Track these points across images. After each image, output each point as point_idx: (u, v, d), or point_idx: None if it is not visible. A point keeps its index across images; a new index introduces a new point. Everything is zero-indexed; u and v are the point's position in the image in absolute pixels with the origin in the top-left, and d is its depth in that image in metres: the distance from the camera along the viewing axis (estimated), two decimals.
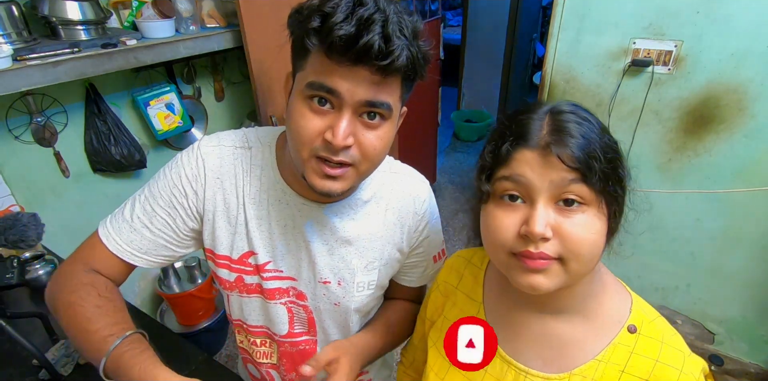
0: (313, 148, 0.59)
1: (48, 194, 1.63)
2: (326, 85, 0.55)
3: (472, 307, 0.70)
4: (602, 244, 0.52)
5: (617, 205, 0.52)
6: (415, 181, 0.79)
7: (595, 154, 0.48)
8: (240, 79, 2.12)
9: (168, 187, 0.72)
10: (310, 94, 0.57)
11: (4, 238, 0.95)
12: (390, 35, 0.52)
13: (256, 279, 0.77)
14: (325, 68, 0.55)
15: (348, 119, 0.57)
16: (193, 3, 1.65)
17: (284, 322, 0.80)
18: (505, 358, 0.63)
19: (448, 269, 0.76)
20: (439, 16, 2.90)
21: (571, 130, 0.49)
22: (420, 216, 0.79)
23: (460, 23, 4.64)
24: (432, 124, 3.21)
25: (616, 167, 0.51)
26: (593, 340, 0.58)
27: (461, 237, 3.00)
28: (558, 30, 1.69)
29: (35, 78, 1.29)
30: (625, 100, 1.69)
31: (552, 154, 0.48)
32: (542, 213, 0.49)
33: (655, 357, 0.55)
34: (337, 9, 0.52)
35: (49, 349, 1.01)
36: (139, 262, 0.74)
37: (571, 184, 0.48)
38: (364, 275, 0.77)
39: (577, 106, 0.54)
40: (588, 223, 0.50)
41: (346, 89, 0.55)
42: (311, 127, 0.58)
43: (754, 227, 1.66)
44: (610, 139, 0.52)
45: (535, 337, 0.61)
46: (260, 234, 0.73)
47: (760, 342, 1.86)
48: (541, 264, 0.50)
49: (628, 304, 0.59)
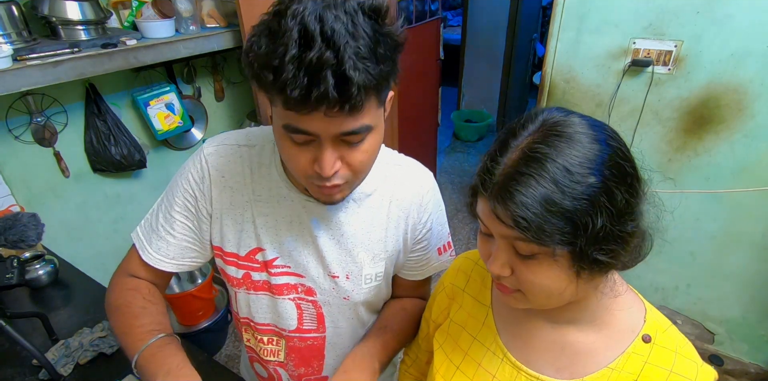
0: (307, 176, 0.62)
1: (48, 194, 1.63)
2: (300, 128, 0.55)
3: (480, 310, 0.69)
4: (559, 287, 0.50)
5: (585, 250, 0.46)
6: (418, 173, 0.80)
7: (536, 218, 0.44)
8: (240, 79, 2.12)
9: (180, 192, 0.75)
10: (287, 133, 0.58)
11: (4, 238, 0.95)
12: (346, 72, 0.49)
13: (264, 275, 0.77)
14: (291, 115, 0.54)
15: (330, 150, 0.58)
16: (193, 3, 1.65)
17: (293, 317, 0.80)
18: (515, 364, 0.62)
19: (454, 271, 0.76)
20: (439, 16, 2.90)
21: (515, 188, 0.45)
22: (423, 207, 0.79)
23: (460, 23, 4.64)
24: (432, 124, 3.21)
25: (578, 219, 0.45)
26: (606, 348, 0.57)
27: (461, 237, 3.00)
28: (558, 30, 1.69)
29: (35, 78, 1.29)
30: (625, 100, 1.69)
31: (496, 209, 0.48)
32: (499, 255, 0.52)
33: (669, 367, 0.54)
34: (284, 61, 0.49)
35: (49, 349, 1.01)
36: (169, 268, 0.78)
37: (515, 240, 0.48)
38: (371, 268, 0.78)
39: (560, 137, 0.47)
40: (540, 270, 0.49)
41: (319, 129, 0.55)
42: (300, 161, 0.60)
43: (754, 227, 1.66)
44: (588, 182, 0.45)
45: (546, 344, 0.61)
46: (267, 230, 0.74)
47: (760, 342, 1.86)
48: (504, 291, 0.55)
49: (642, 314, 0.59)
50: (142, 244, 0.78)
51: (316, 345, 0.84)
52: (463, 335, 0.69)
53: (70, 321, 1.13)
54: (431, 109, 3.15)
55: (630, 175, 0.48)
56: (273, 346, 0.86)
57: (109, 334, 1.06)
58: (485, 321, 0.68)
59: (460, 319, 0.71)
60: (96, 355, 1.01)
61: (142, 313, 0.74)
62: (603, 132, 0.48)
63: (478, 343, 0.67)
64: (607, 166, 0.46)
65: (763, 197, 1.59)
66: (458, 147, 4.23)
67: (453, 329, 0.71)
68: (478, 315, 0.69)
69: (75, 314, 1.16)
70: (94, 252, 1.82)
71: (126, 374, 0.97)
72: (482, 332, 0.67)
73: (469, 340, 0.68)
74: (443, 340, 0.72)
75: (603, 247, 0.47)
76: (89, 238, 1.80)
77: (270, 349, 0.86)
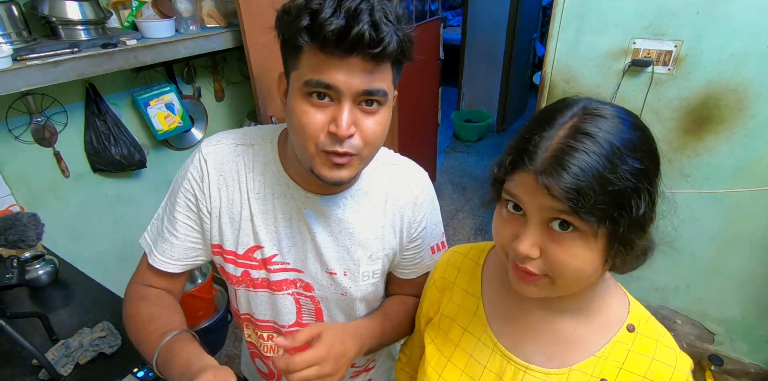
0: (318, 142, 0.61)
1: (48, 194, 1.63)
2: (323, 81, 0.58)
3: (470, 302, 0.70)
4: (590, 270, 0.51)
5: (625, 233, 0.48)
6: (413, 172, 0.81)
7: (588, 191, 0.45)
8: (240, 79, 2.12)
9: (181, 192, 0.76)
10: (308, 91, 0.59)
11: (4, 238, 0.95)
12: (378, 23, 0.54)
13: (262, 273, 0.78)
14: (320, 64, 0.57)
15: (348, 110, 0.59)
16: (193, 3, 1.65)
17: (292, 312, 0.81)
18: (505, 354, 0.63)
19: (444, 264, 0.76)
20: (439, 16, 2.90)
21: (568, 161, 0.45)
22: (418, 206, 0.80)
23: (460, 23, 4.64)
24: (432, 124, 3.21)
25: (624, 199, 0.46)
26: (594, 337, 0.59)
27: (461, 237, 3.00)
28: (558, 30, 1.69)
29: (35, 78, 1.29)
30: (625, 100, 1.69)
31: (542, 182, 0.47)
32: (531, 233, 0.50)
33: (651, 355, 0.57)
34: (324, 4, 0.54)
35: (49, 349, 1.01)
36: (175, 269, 0.79)
37: (560, 213, 0.48)
38: (369, 265, 0.79)
39: (605, 119, 0.48)
40: (575, 250, 0.49)
41: (343, 82, 0.57)
42: (315, 122, 0.60)
43: (754, 227, 1.66)
44: (633, 166, 0.46)
45: (536, 333, 0.62)
46: (266, 228, 0.75)
47: (760, 342, 1.86)
48: (527, 278, 0.53)
49: (626, 304, 0.61)
50: (150, 248, 0.79)
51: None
52: (454, 327, 0.70)
53: (70, 321, 1.13)
54: (431, 109, 3.15)
55: (659, 160, 0.51)
56: (273, 343, 0.87)
57: (109, 334, 1.06)
58: (476, 312, 0.68)
59: (451, 312, 0.72)
60: (96, 355, 1.01)
61: (150, 320, 0.74)
62: (638, 120, 0.51)
63: (468, 335, 0.68)
64: (647, 152, 0.49)
65: (763, 197, 1.59)
66: (458, 147, 4.23)
67: (444, 323, 0.72)
68: (468, 306, 0.70)
69: (75, 314, 1.16)
70: (94, 252, 1.82)
71: (126, 374, 0.97)
72: (473, 323, 0.68)
73: (459, 332, 0.69)
74: (435, 334, 0.72)
75: (641, 232, 0.48)
76: (89, 238, 1.80)
77: (270, 345, 0.87)
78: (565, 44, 1.71)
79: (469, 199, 3.40)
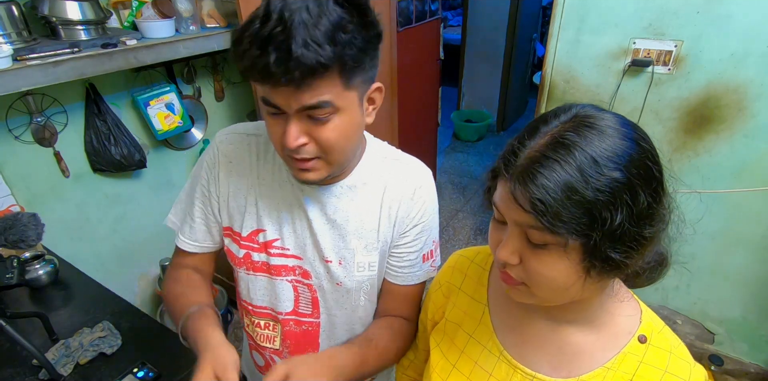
0: (283, 149, 0.66)
1: (48, 194, 1.63)
2: (270, 101, 0.61)
3: (476, 308, 0.69)
4: (565, 282, 0.49)
5: (599, 246, 0.46)
6: (414, 168, 0.81)
7: (554, 203, 0.43)
8: (240, 79, 2.12)
9: (197, 179, 0.82)
10: (264, 107, 0.64)
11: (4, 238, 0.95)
12: (291, 49, 0.54)
13: (263, 256, 0.81)
14: (263, 86, 0.60)
15: (295, 124, 0.62)
16: (193, 3, 1.65)
17: (290, 298, 0.83)
18: (511, 362, 0.62)
19: (449, 269, 0.76)
20: (439, 16, 2.90)
21: (538, 171, 0.44)
22: (414, 201, 0.79)
23: (460, 23, 4.64)
24: (432, 124, 3.21)
25: (597, 212, 0.44)
26: (603, 348, 0.58)
27: (461, 237, 3.00)
28: (558, 30, 1.69)
29: (35, 78, 1.29)
30: (625, 100, 1.69)
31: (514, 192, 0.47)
32: (510, 242, 0.50)
33: (664, 367, 0.55)
34: (243, 35, 0.56)
35: (49, 349, 1.01)
36: (196, 250, 0.86)
37: (529, 228, 0.47)
38: (364, 256, 0.79)
39: (591, 129, 0.46)
40: (548, 261, 0.48)
41: (282, 102, 0.61)
42: (275, 132, 0.65)
43: (754, 227, 1.66)
44: (612, 177, 0.44)
45: (543, 343, 0.61)
46: (269, 213, 0.79)
47: (760, 342, 1.86)
48: (508, 281, 0.54)
49: (638, 314, 0.59)
50: (177, 229, 0.86)
51: (311, 331, 0.85)
52: (460, 333, 0.69)
53: (70, 321, 1.13)
54: (431, 109, 3.15)
55: (656, 179, 0.47)
56: (269, 332, 0.88)
57: (109, 334, 1.06)
58: (482, 319, 0.68)
59: (456, 318, 0.71)
60: (96, 355, 1.02)
61: (177, 299, 0.81)
62: (635, 131, 0.48)
63: (474, 341, 0.67)
64: (635, 164, 0.45)
65: (763, 197, 1.59)
66: (458, 147, 4.23)
67: (449, 328, 0.71)
68: (474, 313, 0.69)
69: (75, 314, 1.16)
70: (94, 252, 1.82)
71: (126, 374, 0.97)
72: (479, 330, 0.67)
73: (465, 339, 0.68)
74: (440, 339, 0.72)
75: (617, 246, 0.46)
76: (89, 238, 1.80)
77: (266, 334, 0.88)
78: (565, 44, 1.71)
79: (469, 199, 3.40)
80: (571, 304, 0.56)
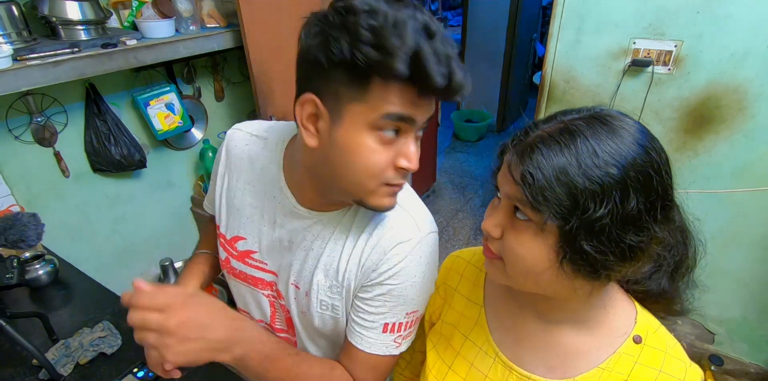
0: (383, 178, 0.58)
1: (48, 194, 1.63)
2: (409, 116, 0.54)
3: (472, 310, 0.69)
4: (536, 262, 0.50)
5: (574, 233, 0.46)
6: (409, 224, 0.68)
7: (543, 181, 0.45)
8: (240, 79, 2.12)
9: (213, 171, 0.83)
10: (383, 124, 0.54)
11: (4, 238, 0.95)
12: (460, 65, 0.53)
13: (239, 265, 0.79)
14: (411, 101, 0.53)
15: (417, 141, 0.59)
16: (193, 3, 1.65)
17: (267, 313, 0.81)
18: (507, 364, 0.62)
19: (446, 271, 0.75)
20: (439, 16, 2.90)
21: (538, 148, 0.47)
22: (388, 257, 0.66)
23: (460, 23, 4.63)
24: (432, 124, 3.21)
25: (581, 199, 0.45)
26: (598, 349, 0.58)
27: (461, 237, 3.00)
28: (558, 30, 1.69)
29: (35, 78, 1.29)
30: (625, 100, 1.69)
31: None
32: (497, 214, 0.53)
33: (659, 367, 0.55)
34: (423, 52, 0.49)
35: (49, 349, 1.01)
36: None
37: (516, 201, 0.50)
38: (327, 296, 0.71)
39: (604, 126, 0.47)
40: (523, 238, 0.50)
41: (421, 115, 0.56)
42: (383, 160, 0.57)
43: (754, 227, 1.66)
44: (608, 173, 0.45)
45: (538, 344, 0.61)
46: (252, 223, 0.76)
47: (760, 342, 1.86)
48: (488, 254, 0.56)
49: (633, 314, 0.59)
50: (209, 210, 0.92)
51: (290, 340, 0.84)
52: (456, 335, 0.69)
53: (70, 321, 1.13)
54: None
55: (655, 191, 0.47)
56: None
57: (109, 334, 1.06)
58: (478, 320, 0.68)
59: (452, 319, 0.71)
60: (96, 355, 1.01)
61: (199, 244, 0.95)
62: (649, 142, 0.48)
63: (470, 343, 0.67)
64: (636, 168, 0.46)
65: (763, 197, 1.59)
66: (458, 147, 4.23)
67: (445, 329, 0.71)
68: (470, 314, 0.69)
69: (75, 314, 1.16)
70: (94, 252, 1.82)
71: (126, 374, 0.97)
72: (474, 331, 0.67)
73: (461, 340, 0.68)
74: (436, 340, 0.72)
75: (592, 240, 0.46)
76: (89, 238, 1.80)
77: None
78: (565, 44, 1.71)
79: (469, 199, 3.40)
80: (562, 305, 0.57)
